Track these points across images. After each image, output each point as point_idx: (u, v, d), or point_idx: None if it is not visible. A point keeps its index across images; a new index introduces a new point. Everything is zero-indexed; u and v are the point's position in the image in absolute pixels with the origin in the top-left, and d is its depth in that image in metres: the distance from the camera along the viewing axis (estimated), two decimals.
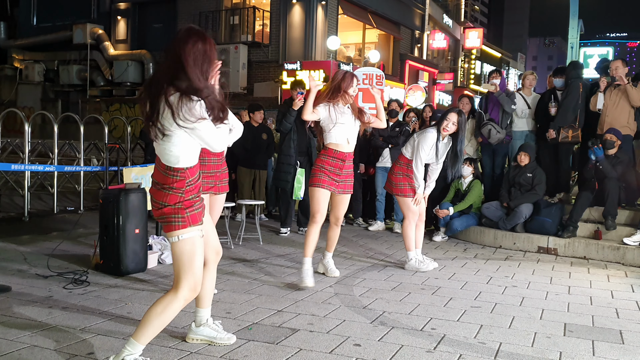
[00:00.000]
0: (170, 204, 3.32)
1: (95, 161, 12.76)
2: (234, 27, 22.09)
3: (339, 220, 6.15)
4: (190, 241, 3.33)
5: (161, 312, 3.32)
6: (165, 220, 3.35)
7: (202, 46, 3.26)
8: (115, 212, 5.74)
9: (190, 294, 3.36)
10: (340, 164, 5.83)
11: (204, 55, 3.25)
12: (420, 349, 4.00)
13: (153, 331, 3.35)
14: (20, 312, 4.50)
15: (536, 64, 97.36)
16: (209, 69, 3.30)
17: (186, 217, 3.32)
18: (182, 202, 3.33)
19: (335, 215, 6.12)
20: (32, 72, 26.77)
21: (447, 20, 33.36)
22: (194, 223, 3.35)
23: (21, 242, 7.29)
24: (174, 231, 3.33)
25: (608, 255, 7.55)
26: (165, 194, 3.33)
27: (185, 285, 3.33)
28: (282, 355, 3.80)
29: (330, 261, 6.30)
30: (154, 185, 3.42)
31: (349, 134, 5.84)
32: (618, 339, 4.34)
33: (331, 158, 5.81)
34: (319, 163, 5.85)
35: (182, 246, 3.33)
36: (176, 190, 3.32)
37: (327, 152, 5.83)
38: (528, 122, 9.17)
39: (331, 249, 6.31)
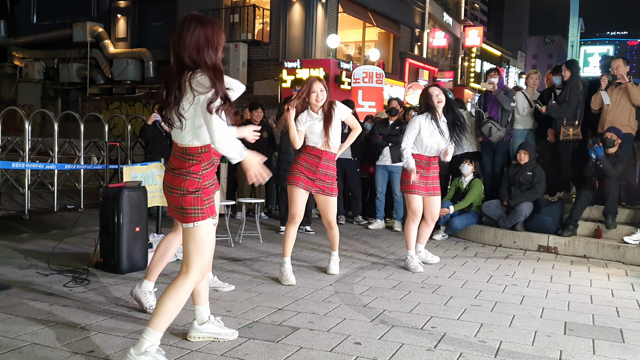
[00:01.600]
0: (189, 190, 3.41)
1: (95, 159, 12.76)
2: (234, 25, 22.10)
3: (331, 224, 6.11)
4: (204, 228, 3.45)
5: (175, 296, 3.42)
6: (185, 212, 3.42)
7: (202, 31, 3.38)
8: (116, 210, 5.74)
9: (199, 277, 3.49)
10: (316, 161, 5.88)
11: (205, 40, 3.38)
12: (421, 347, 4.00)
13: (170, 316, 3.43)
14: (21, 310, 4.50)
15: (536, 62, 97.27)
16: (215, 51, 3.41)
17: (205, 208, 3.43)
18: (202, 190, 3.43)
19: (326, 220, 6.10)
20: (32, 70, 26.78)
21: (447, 18, 33.37)
22: (212, 214, 3.47)
23: (21, 240, 7.29)
24: (192, 221, 3.43)
25: (608, 254, 7.55)
26: (182, 179, 3.43)
27: (196, 268, 3.45)
28: (283, 354, 3.80)
29: (332, 259, 6.32)
30: (169, 171, 3.51)
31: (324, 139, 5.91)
32: (618, 338, 4.35)
33: (307, 155, 5.91)
34: (296, 159, 5.98)
35: (196, 232, 3.44)
36: (193, 175, 3.42)
37: (305, 148, 5.96)
38: (529, 120, 9.16)
39: (335, 248, 6.31)
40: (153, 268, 4.60)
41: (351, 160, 9.71)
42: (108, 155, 8.85)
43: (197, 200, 3.42)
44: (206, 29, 3.39)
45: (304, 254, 7.22)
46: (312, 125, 5.89)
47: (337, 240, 6.26)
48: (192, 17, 3.45)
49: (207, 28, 3.39)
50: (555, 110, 8.49)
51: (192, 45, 3.36)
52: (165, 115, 3.46)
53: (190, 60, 3.37)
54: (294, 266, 6.42)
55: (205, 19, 3.46)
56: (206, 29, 3.39)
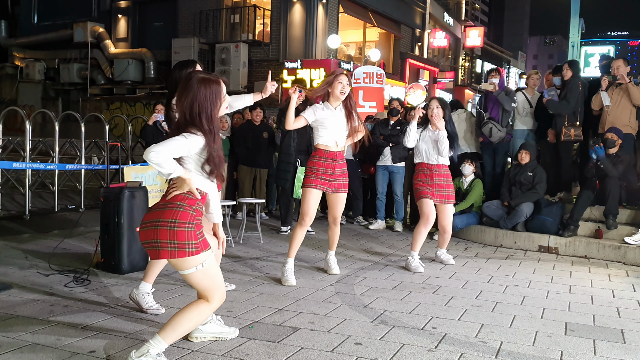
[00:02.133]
0: (183, 221, 3.33)
1: (96, 159, 12.75)
2: (234, 25, 22.08)
3: (337, 220, 6.15)
4: (210, 267, 3.44)
5: (192, 318, 3.46)
6: (176, 246, 3.32)
7: (197, 96, 3.39)
8: (116, 210, 5.75)
9: (220, 304, 3.56)
10: (332, 164, 5.83)
11: (199, 106, 3.39)
12: (421, 347, 4.00)
13: (180, 333, 3.48)
14: (22, 310, 4.51)
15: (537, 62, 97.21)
16: (208, 118, 3.40)
17: (199, 242, 3.37)
18: (195, 223, 3.37)
19: (333, 215, 6.12)
20: (32, 71, 26.77)
21: (448, 18, 33.35)
22: (205, 248, 3.41)
23: (22, 240, 7.29)
24: (188, 257, 3.34)
25: (609, 255, 7.54)
26: (175, 211, 3.34)
27: (216, 299, 3.50)
28: (283, 354, 3.80)
29: (332, 259, 6.32)
30: (157, 208, 3.43)
31: (338, 136, 5.82)
32: (619, 338, 4.34)
33: (322, 159, 5.82)
34: (310, 165, 5.87)
35: (205, 273, 3.41)
36: (187, 208, 3.36)
37: (317, 152, 5.85)
38: (529, 120, 9.17)
39: (333, 248, 6.32)
40: (150, 270, 4.62)
41: (352, 161, 9.70)
42: (109, 155, 8.84)
43: (190, 234, 3.35)
44: (200, 94, 3.39)
45: (304, 254, 7.22)
46: (328, 119, 5.75)
47: (337, 239, 6.27)
48: (196, 77, 3.44)
49: (201, 93, 3.39)
50: (555, 106, 8.48)
51: (187, 105, 3.39)
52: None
53: (185, 120, 3.41)
54: (294, 266, 6.43)
55: (206, 81, 3.43)
56: (200, 94, 3.39)
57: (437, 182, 6.66)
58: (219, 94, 3.46)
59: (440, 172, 6.69)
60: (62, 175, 10.65)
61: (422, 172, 6.72)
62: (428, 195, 6.62)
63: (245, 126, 9.87)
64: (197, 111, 3.37)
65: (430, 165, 6.68)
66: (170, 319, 3.46)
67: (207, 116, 3.38)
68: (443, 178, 6.70)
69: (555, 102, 8.47)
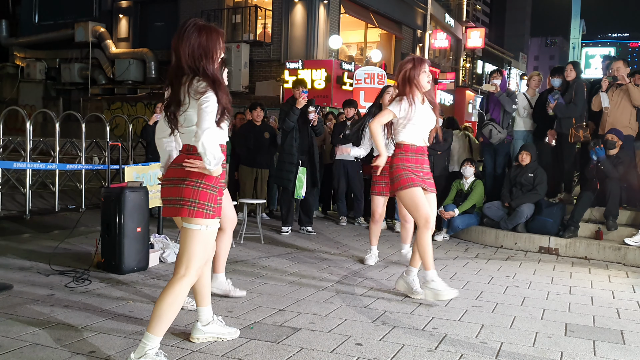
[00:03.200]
0: (208, 184, 3.40)
1: (96, 159, 12.77)
2: (235, 25, 22.09)
3: (428, 224, 5.28)
4: (213, 233, 3.48)
5: (173, 301, 3.41)
6: (196, 206, 3.38)
7: (198, 40, 3.40)
8: (117, 210, 5.75)
9: (195, 279, 3.49)
10: (421, 159, 5.24)
11: (201, 49, 3.39)
12: (422, 348, 4.00)
13: (168, 321, 3.44)
14: (22, 310, 4.51)
15: (538, 63, 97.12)
16: (212, 62, 3.40)
17: (217, 207, 3.45)
18: (218, 188, 3.45)
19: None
20: (33, 70, 26.78)
21: (449, 19, 33.35)
22: (219, 215, 3.50)
23: (23, 240, 7.30)
24: (202, 219, 3.40)
25: (609, 256, 7.55)
26: (186, 171, 3.41)
27: (193, 270, 3.45)
28: (284, 354, 3.81)
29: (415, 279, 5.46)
30: (172, 166, 3.53)
31: (425, 133, 5.26)
32: (619, 339, 4.35)
33: (410, 154, 5.19)
34: (398, 162, 5.20)
35: (205, 236, 3.44)
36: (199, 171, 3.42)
37: (403, 148, 5.21)
38: (530, 121, 9.17)
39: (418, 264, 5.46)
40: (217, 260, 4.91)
41: (353, 162, 9.71)
42: (109, 155, 8.84)
43: (211, 196, 3.42)
44: (201, 38, 3.40)
45: (305, 254, 7.23)
46: (419, 116, 5.14)
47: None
48: (191, 23, 3.45)
49: (202, 37, 3.40)
50: (563, 110, 8.46)
51: (188, 53, 3.40)
52: (169, 116, 3.47)
53: (188, 67, 3.41)
54: (295, 266, 6.43)
55: (204, 26, 3.45)
56: (201, 37, 3.40)
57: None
58: (218, 40, 3.45)
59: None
60: (62, 175, 10.66)
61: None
62: (379, 191, 6.70)
63: (246, 126, 9.87)
64: (199, 56, 3.38)
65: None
66: (153, 311, 3.44)
67: (209, 61, 3.39)
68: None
69: (563, 106, 8.46)
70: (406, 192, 5.13)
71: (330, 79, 19.76)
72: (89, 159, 11.96)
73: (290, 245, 7.83)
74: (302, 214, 8.89)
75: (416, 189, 5.13)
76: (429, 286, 5.07)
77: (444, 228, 8.79)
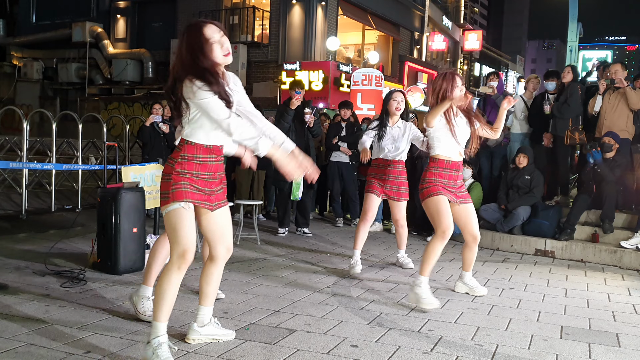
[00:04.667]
0: (166, 174, 3.59)
1: (93, 160, 12.76)
2: (233, 26, 22.08)
3: (477, 238, 5.54)
4: (173, 213, 3.54)
5: (167, 287, 3.54)
6: (161, 196, 3.59)
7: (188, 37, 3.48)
8: (113, 210, 5.74)
9: (180, 261, 3.55)
10: (454, 175, 5.27)
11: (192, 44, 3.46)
12: (417, 350, 4.00)
13: (168, 306, 3.55)
14: (17, 310, 4.50)
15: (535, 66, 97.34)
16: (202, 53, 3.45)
17: (170, 193, 3.53)
18: (172, 176, 3.55)
19: (472, 234, 5.48)
20: (30, 70, 26.74)
21: (447, 22, 33.38)
22: (177, 199, 3.53)
23: (18, 240, 7.29)
24: (162, 206, 3.59)
25: (605, 259, 7.56)
26: (166, 166, 3.63)
27: (174, 254, 3.56)
28: (280, 356, 3.80)
29: (472, 279, 5.75)
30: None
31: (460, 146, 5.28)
32: (614, 342, 4.35)
33: (445, 169, 5.21)
34: (431, 177, 5.20)
35: (167, 219, 3.57)
36: (171, 161, 3.58)
37: (438, 163, 5.23)
38: (526, 124, 9.18)
39: (469, 268, 5.71)
40: (149, 271, 4.52)
41: (347, 164, 9.72)
42: (106, 155, 8.84)
43: (166, 184, 3.56)
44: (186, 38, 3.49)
45: (301, 255, 7.23)
46: (457, 129, 5.20)
47: (474, 259, 5.78)
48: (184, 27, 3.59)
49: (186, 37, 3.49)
50: (561, 110, 8.47)
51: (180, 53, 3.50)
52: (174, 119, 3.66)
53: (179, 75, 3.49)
54: (291, 267, 6.43)
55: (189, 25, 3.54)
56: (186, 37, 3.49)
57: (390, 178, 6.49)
58: (200, 33, 3.47)
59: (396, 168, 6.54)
60: (59, 175, 10.64)
61: (375, 167, 6.59)
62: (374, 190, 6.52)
63: None
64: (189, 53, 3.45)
65: (387, 161, 6.52)
66: (154, 299, 3.60)
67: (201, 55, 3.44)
68: (397, 175, 6.53)
69: (557, 105, 8.47)
70: (431, 200, 5.14)
71: (328, 80, 19.77)
72: (85, 159, 11.94)
73: (286, 246, 7.83)
74: (298, 216, 8.88)
75: (442, 197, 5.13)
76: (415, 289, 5.08)
77: None
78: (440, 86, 5.15)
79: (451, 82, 5.14)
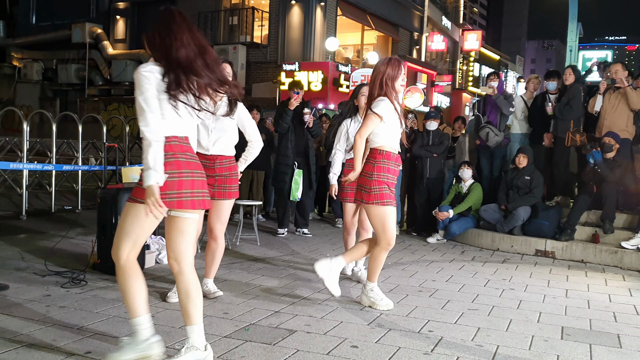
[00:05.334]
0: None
1: (93, 160, 12.75)
2: (232, 27, 22.10)
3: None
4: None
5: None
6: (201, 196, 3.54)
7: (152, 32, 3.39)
8: (113, 211, 5.74)
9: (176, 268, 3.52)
10: (398, 169, 5.00)
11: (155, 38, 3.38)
12: (418, 351, 4.00)
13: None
14: (18, 311, 4.49)
15: (534, 66, 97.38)
16: (163, 43, 3.36)
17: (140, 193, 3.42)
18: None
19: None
20: (30, 71, 26.75)
21: (446, 22, 33.39)
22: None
23: (19, 241, 7.28)
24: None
25: (606, 259, 7.56)
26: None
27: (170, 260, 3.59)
28: (280, 356, 3.80)
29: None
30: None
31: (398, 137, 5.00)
32: (615, 343, 4.35)
33: (391, 162, 4.90)
34: (380, 172, 4.84)
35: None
36: None
37: (385, 155, 4.87)
38: (526, 125, 9.18)
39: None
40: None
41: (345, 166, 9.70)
42: (106, 156, 8.84)
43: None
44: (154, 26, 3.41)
45: (301, 256, 7.23)
46: (394, 116, 4.88)
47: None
48: None
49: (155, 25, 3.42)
50: (563, 112, 8.47)
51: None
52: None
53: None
54: (291, 268, 6.43)
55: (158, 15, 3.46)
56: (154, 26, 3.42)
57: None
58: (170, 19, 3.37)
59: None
60: (59, 175, 10.65)
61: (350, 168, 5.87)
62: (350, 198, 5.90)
63: None
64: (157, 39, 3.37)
65: None
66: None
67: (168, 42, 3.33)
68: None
69: (559, 106, 8.47)
70: (383, 210, 4.82)
71: (327, 81, 19.77)
72: (85, 159, 11.94)
73: (286, 247, 7.83)
74: (298, 216, 8.88)
75: (393, 208, 4.88)
76: (368, 294, 5.07)
77: (439, 230, 8.78)
78: (384, 73, 4.82)
79: (397, 70, 4.83)
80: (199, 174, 3.49)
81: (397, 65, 4.82)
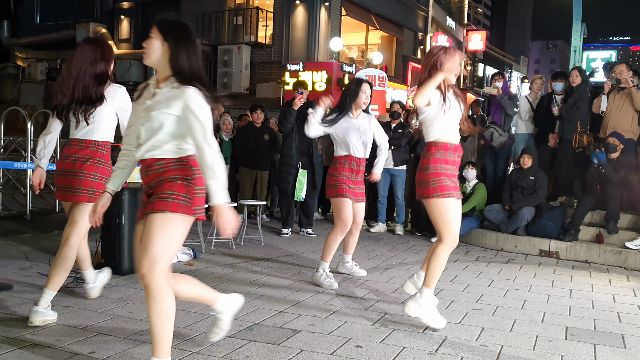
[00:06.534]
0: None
1: None
2: (237, 27, 22.09)
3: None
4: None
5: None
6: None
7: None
8: (117, 211, 5.75)
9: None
10: (458, 160, 4.67)
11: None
12: (422, 351, 4.00)
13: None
14: (22, 311, 4.50)
15: (538, 67, 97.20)
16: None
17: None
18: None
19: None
20: (34, 71, 26.77)
21: (450, 22, 33.35)
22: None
23: (23, 240, 7.29)
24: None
25: (610, 259, 7.54)
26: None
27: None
28: (284, 356, 3.80)
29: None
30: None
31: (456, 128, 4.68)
32: (620, 343, 4.34)
33: (449, 153, 4.55)
34: (436, 164, 4.51)
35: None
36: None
37: (441, 147, 4.53)
38: (532, 125, 9.17)
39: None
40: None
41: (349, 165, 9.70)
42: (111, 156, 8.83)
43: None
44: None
45: (305, 256, 7.23)
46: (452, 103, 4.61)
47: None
48: None
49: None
50: (570, 113, 8.46)
51: None
52: None
53: None
54: (296, 268, 6.43)
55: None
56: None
57: (359, 178, 5.94)
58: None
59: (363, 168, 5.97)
60: None
61: (348, 167, 5.87)
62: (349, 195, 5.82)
63: (246, 128, 9.88)
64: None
65: (358, 160, 5.88)
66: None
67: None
68: (362, 175, 5.98)
69: (565, 107, 8.46)
70: (443, 202, 4.48)
71: (331, 81, 19.75)
72: None
73: (290, 247, 7.83)
74: (302, 216, 8.88)
75: (457, 201, 4.58)
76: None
77: None
78: (437, 59, 4.46)
79: (452, 58, 4.46)
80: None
81: (452, 53, 4.49)
